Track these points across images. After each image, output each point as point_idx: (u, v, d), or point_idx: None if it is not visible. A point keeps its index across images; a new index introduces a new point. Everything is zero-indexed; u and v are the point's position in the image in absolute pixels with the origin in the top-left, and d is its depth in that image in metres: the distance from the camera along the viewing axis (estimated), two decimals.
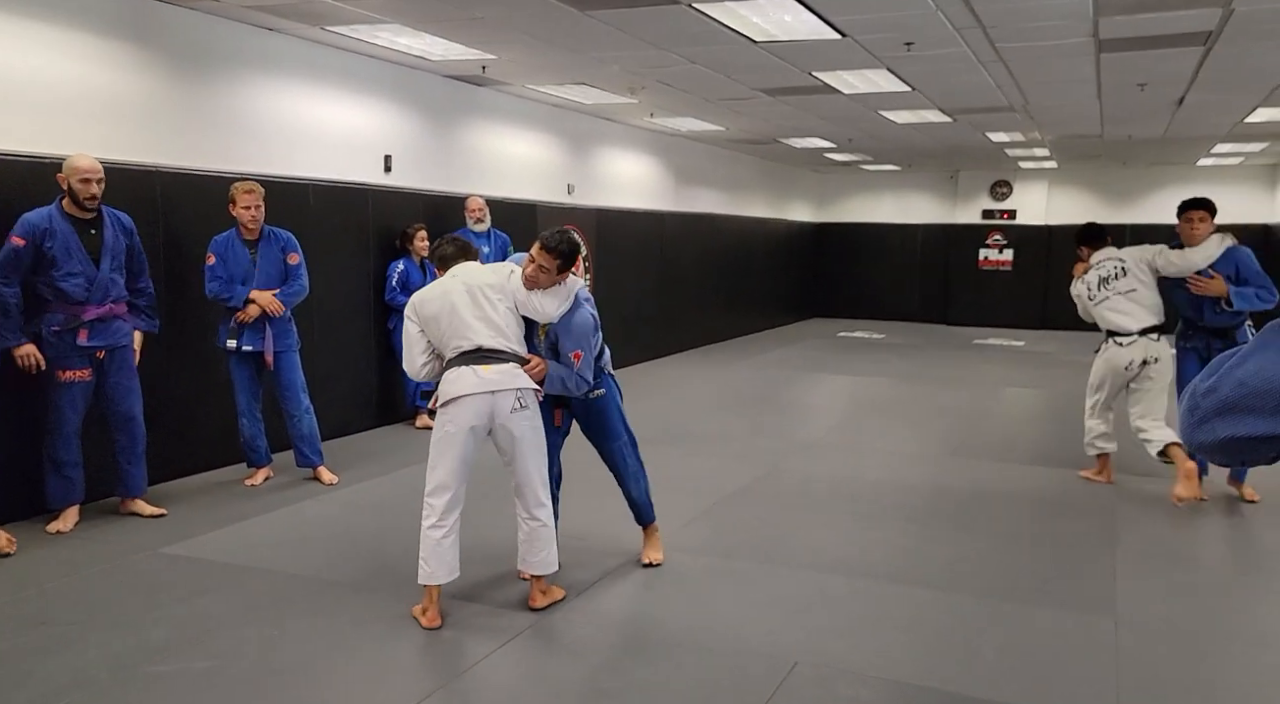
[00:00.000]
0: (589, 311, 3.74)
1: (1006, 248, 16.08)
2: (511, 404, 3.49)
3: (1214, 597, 3.94)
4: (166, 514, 4.79)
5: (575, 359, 3.65)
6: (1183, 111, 8.91)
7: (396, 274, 6.84)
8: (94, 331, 4.52)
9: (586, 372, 3.71)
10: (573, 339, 3.64)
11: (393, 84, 7.16)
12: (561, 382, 3.68)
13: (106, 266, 4.52)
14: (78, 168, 4.42)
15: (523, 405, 3.52)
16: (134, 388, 4.73)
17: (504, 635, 3.41)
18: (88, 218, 4.49)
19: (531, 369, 3.58)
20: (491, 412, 3.49)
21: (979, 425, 7.54)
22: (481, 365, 3.48)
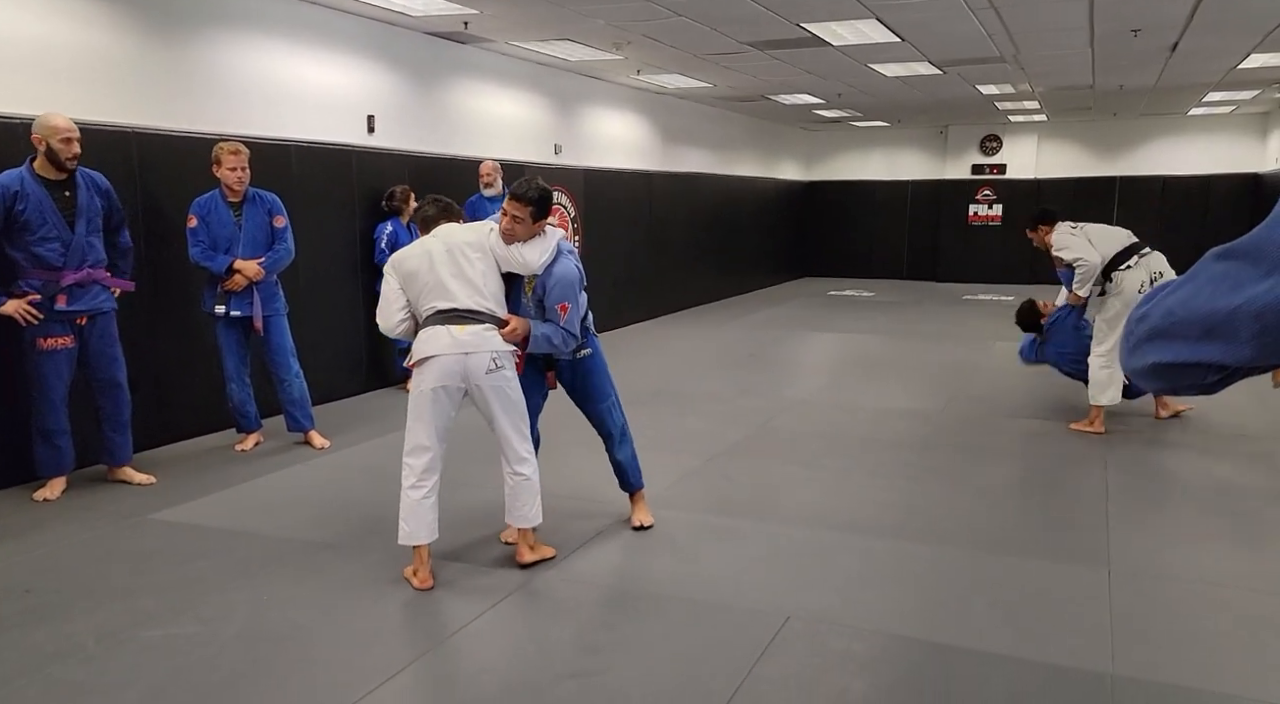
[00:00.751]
0: (573, 263, 3.67)
1: (996, 203, 15.99)
2: (486, 365, 3.45)
3: (1208, 545, 3.95)
4: (155, 482, 4.74)
5: (561, 312, 3.60)
6: (1176, 58, 8.79)
7: (385, 236, 6.75)
8: (72, 297, 4.41)
9: (573, 326, 3.65)
10: (558, 291, 3.59)
11: (373, 42, 6.99)
12: (548, 340, 3.62)
13: (82, 229, 4.40)
14: (56, 127, 4.27)
15: (498, 366, 3.47)
16: (117, 355, 4.64)
17: (495, 595, 3.39)
18: (61, 179, 4.36)
19: (509, 331, 3.52)
20: (465, 372, 3.45)
21: (969, 380, 7.53)
22: (456, 326, 3.44)
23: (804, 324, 11.06)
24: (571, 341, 3.69)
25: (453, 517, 3.58)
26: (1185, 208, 14.53)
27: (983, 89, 10.89)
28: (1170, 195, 14.80)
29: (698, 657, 2.94)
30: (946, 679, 2.82)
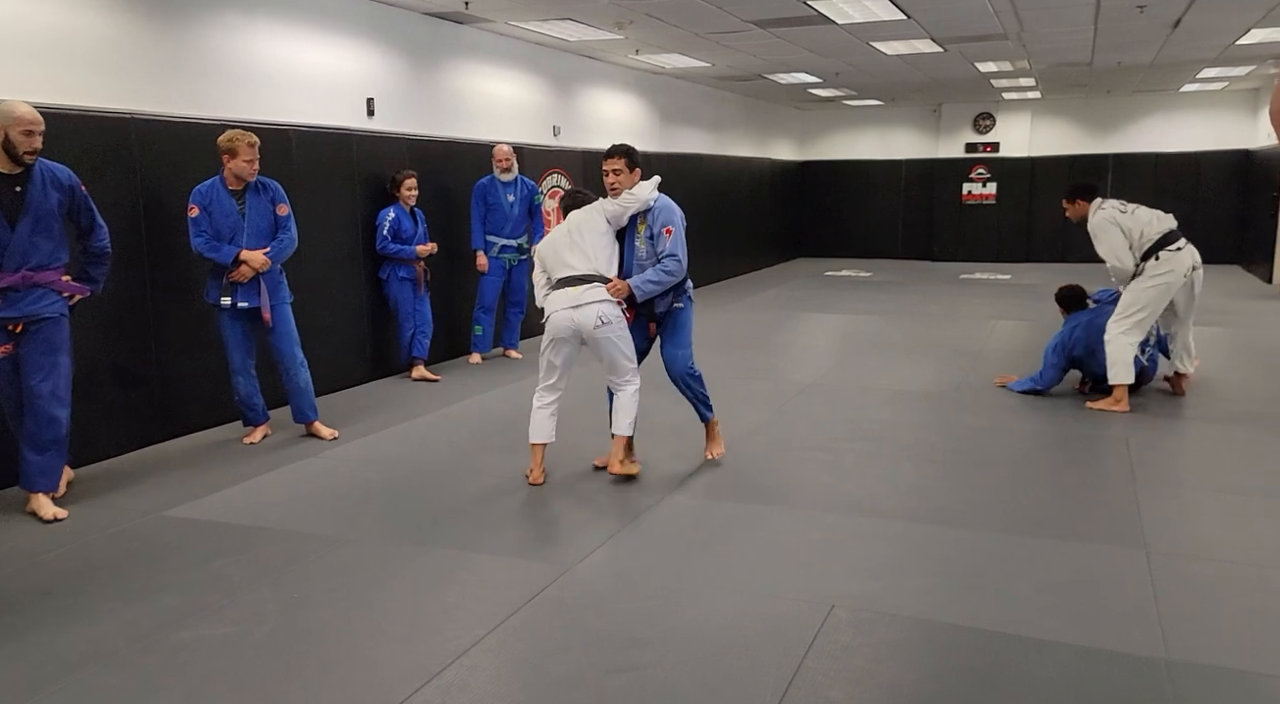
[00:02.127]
0: (672, 202, 4.52)
1: (990, 181, 15.98)
2: (594, 322, 4.34)
3: (1239, 521, 3.93)
4: (63, 519, 4.08)
5: (667, 234, 4.41)
6: (1177, 34, 8.75)
7: (387, 223, 6.63)
8: (7, 301, 3.96)
9: (679, 249, 4.41)
10: (663, 217, 4.42)
11: (372, 23, 6.85)
12: (650, 283, 4.39)
13: (26, 229, 3.94)
14: (20, 117, 3.85)
15: (603, 322, 4.34)
16: (54, 365, 4.10)
17: (529, 591, 3.33)
18: (14, 173, 3.95)
19: (613, 288, 4.36)
20: (575, 327, 4.37)
21: (977, 361, 7.51)
22: (570, 287, 4.37)
23: (805, 305, 11.01)
24: (676, 269, 4.40)
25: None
26: (1177, 185, 14.55)
27: (981, 66, 10.83)
28: (1163, 172, 14.81)
29: (746, 649, 2.89)
30: (998, 666, 2.78)
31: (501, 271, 7.48)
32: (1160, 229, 5.68)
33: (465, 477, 4.67)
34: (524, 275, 7.66)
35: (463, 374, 7.14)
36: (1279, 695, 2.61)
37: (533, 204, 7.58)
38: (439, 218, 7.29)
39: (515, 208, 7.41)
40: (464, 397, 6.39)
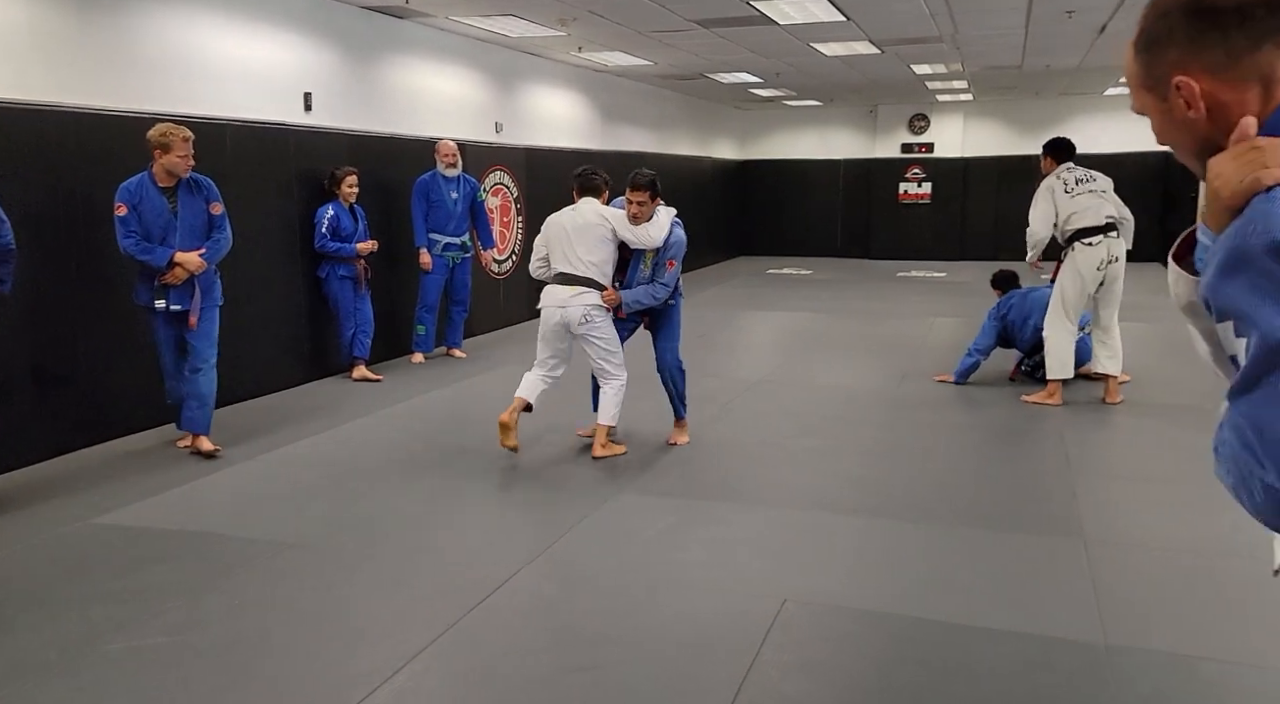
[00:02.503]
0: (681, 232, 4.91)
1: (925, 181, 16.30)
2: (579, 318, 4.71)
3: (1171, 510, 4.07)
4: None
5: (669, 266, 4.81)
6: (1103, 39, 9.04)
7: (326, 220, 6.48)
8: None
9: (670, 279, 4.81)
10: (672, 251, 4.82)
11: (309, 16, 6.69)
12: (638, 301, 4.78)
13: None
14: None
15: (588, 320, 4.72)
16: None
17: (479, 594, 3.28)
18: None
19: (607, 298, 4.73)
20: (564, 322, 4.75)
21: (917, 357, 7.66)
22: (565, 286, 4.74)
23: (748, 303, 11.10)
24: (663, 292, 4.80)
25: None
26: None
27: (916, 68, 11.04)
28: None
29: (702, 645, 2.90)
30: (948, 656, 2.83)
31: (445, 269, 7.38)
32: (1086, 222, 5.73)
33: (410, 478, 4.60)
34: (467, 273, 7.57)
35: (405, 374, 7.03)
36: (1214, 677, 2.70)
37: (475, 201, 7.50)
38: (379, 215, 7.16)
39: (458, 205, 7.33)
40: (407, 397, 6.28)
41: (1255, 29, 1.06)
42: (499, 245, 9.20)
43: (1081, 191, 5.77)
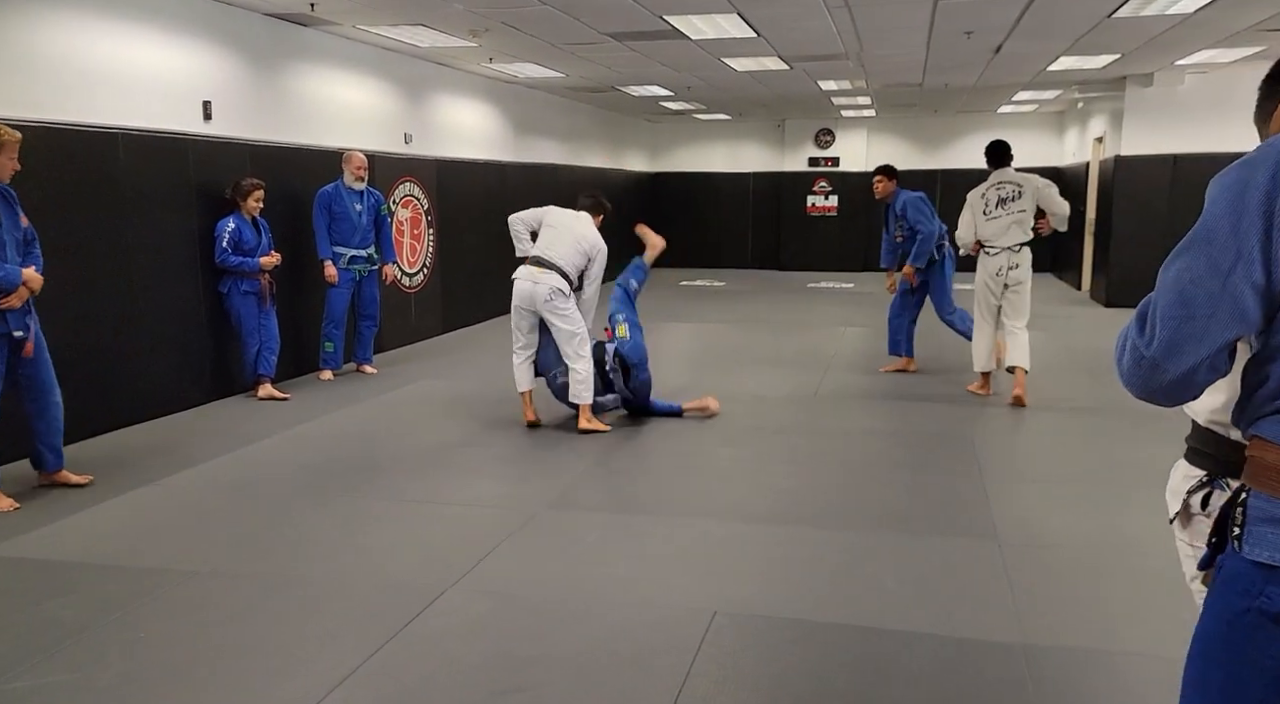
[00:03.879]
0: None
1: (831, 194, 16.71)
2: (546, 295, 5.42)
3: (1078, 509, 4.24)
4: None
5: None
6: (998, 59, 9.44)
7: (227, 234, 6.21)
8: None
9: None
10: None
11: (208, 22, 6.43)
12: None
13: None
14: None
15: (551, 298, 5.42)
16: None
17: (402, 619, 3.18)
18: None
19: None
20: (531, 295, 5.46)
21: (831, 366, 7.82)
22: (539, 266, 5.51)
23: (663, 315, 11.14)
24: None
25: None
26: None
27: (823, 84, 11.31)
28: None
29: (634, 661, 2.87)
30: (875, 661, 2.88)
31: (351, 283, 7.18)
32: (985, 235, 6.38)
33: (323, 499, 4.44)
34: (375, 287, 7.38)
35: (314, 392, 6.80)
36: (1126, 670, 2.82)
37: (379, 214, 7.31)
38: (284, 227, 6.92)
39: (363, 217, 7.14)
40: (316, 415, 6.08)
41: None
42: (410, 259, 9.02)
43: (996, 215, 6.35)
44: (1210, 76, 10.64)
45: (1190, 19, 7.31)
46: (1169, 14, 7.11)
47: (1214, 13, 7.06)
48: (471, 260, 10.09)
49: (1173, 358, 1.22)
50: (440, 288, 9.54)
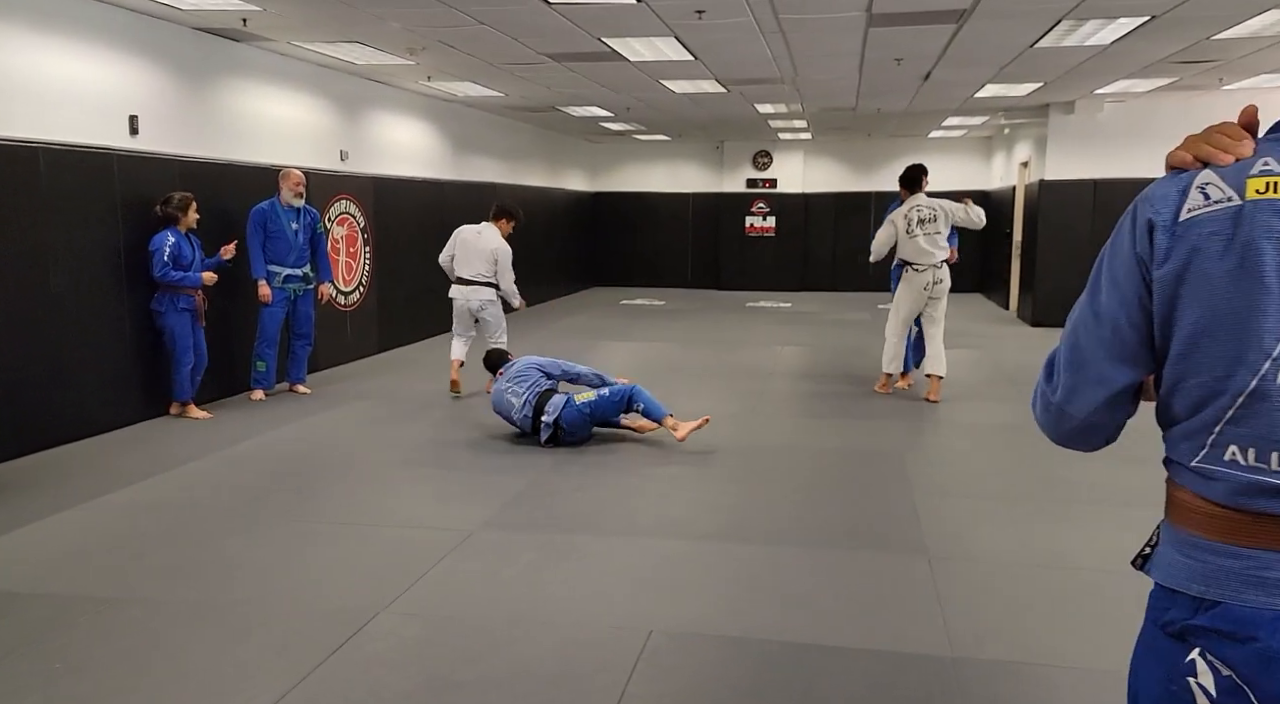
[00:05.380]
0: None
1: (769, 215, 16.97)
2: (478, 305, 7.22)
3: (1004, 523, 4.36)
4: None
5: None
6: (928, 86, 9.73)
7: (167, 248, 6.04)
8: None
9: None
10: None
11: (135, 36, 6.29)
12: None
13: None
14: None
15: (482, 306, 7.22)
16: None
17: (330, 645, 3.13)
18: None
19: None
20: (466, 302, 7.23)
21: (766, 384, 7.92)
22: (465, 285, 7.22)
23: (603, 334, 11.16)
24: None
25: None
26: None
27: (760, 107, 11.51)
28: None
29: (569, 682, 2.86)
30: (809, 677, 2.91)
31: (285, 302, 7.05)
32: (910, 254, 6.99)
33: (253, 522, 4.34)
34: (310, 305, 7.26)
35: (246, 412, 6.65)
36: (1052, 681, 2.90)
37: (315, 232, 7.21)
38: (215, 244, 6.76)
39: (299, 235, 7.04)
40: (247, 436, 5.94)
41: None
42: (346, 277, 8.90)
43: (918, 234, 6.97)
44: (1128, 105, 11.12)
45: (1107, 50, 7.64)
46: (1087, 45, 7.42)
47: (1128, 45, 7.40)
48: (409, 279, 9.99)
49: (1074, 403, 1.24)
50: (376, 306, 9.42)
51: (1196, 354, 1.11)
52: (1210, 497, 1.11)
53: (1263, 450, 1.06)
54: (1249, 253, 1.05)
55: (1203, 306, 1.09)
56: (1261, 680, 1.05)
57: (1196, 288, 1.09)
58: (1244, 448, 1.07)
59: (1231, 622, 1.07)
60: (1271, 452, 1.05)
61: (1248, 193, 1.07)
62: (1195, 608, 1.11)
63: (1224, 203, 1.08)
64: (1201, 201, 1.10)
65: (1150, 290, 1.14)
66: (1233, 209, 1.07)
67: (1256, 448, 1.06)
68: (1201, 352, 1.10)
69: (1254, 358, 1.05)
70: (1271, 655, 1.04)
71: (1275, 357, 1.04)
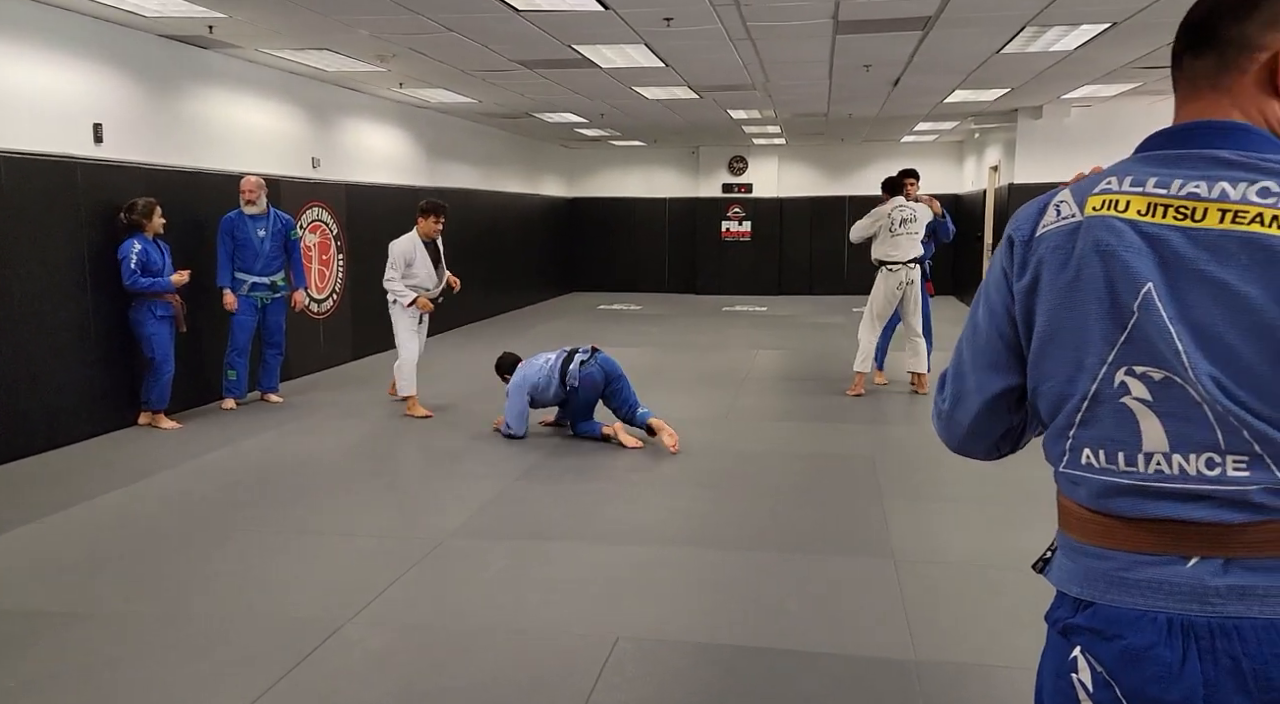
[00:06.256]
0: None
1: (745, 219, 17.04)
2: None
3: (971, 527, 4.40)
4: None
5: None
6: (897, 92, 9.81)
7: (135, 255, 5.99)
8: None
9: None
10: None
11: (100, 43, 6.24)
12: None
13: None
14: None
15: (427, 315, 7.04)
16: None
17: (295, 655, 3.11)
18: None
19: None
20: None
21: (742, 387, 7.94)
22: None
23: (580, 338, 11.05)
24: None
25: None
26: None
27: (733, 113, 11.57)
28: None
29: (535, 691, 2.86)
30: (774, 682, 2.93)
31: (254, 311, 6.98)
32: (893, 257, 7.22)
33: (220, 534, 4.30)
34: (280, 314, 7.19)
35: (217, 422, 6.59)
36: (1014, 683, 2.92)
37: (288, 239, 7.16)
38: (183, 252, 6.70)
39: (266, 243, 6.96)
40: (217, 446, 5.89)
41: None
42: (319, 284, 8.85)
43: (901, 233, 7.24)
44: (1094, 109, 11.26)
45: (1071, 56, 7.74)
46: (1051, 51, 7.52)
47: (1092, 51, 7.50)
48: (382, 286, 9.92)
49: (959, 410, 1.32)
50: (350, 314, 9.37)
51: (1046, 361, 1.18)
52: (1078, 500, 1.18)
53: (1110, 451, 1.13)
54: (1083, 265, 1.13)
55: (1048, 316, 1.16)
56: (1125, 677, 1.11)
57: (1044, 299, 1.17)
58: (1095, 450, 1.14)
59: (1102, 621, 1.14)
60: (1117, 451, 1.12)
61: (1086, 209, 1.15)
62: (1076, 608, 1.18)
63: (1069, 219, 1.16)
64: (1053, 218, 1.18)
65: (1015, 301, 1.22)
66: (1073, 224, 1.15)
67: (1105, 449, 1.13)
68: (1050, 358, 1.17)
69: (1091, 363, 1.13)
70: (1134, 653, 1.10)
71: (1108, 361, 1.11)
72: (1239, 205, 1.05)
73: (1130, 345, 1.10)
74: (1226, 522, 1.07)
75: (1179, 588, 1.09)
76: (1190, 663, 1.07)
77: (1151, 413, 1.10)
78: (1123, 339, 1.10)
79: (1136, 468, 1.11)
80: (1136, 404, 1.10)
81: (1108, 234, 1.11)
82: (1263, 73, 1.11)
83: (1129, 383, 1.10)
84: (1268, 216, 1.03)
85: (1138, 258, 1.09)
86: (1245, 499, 1.06)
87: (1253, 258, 1.03)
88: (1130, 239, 1.10)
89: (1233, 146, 1.10)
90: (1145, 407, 1.10)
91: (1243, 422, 1.05)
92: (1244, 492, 1.06)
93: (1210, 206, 1.07)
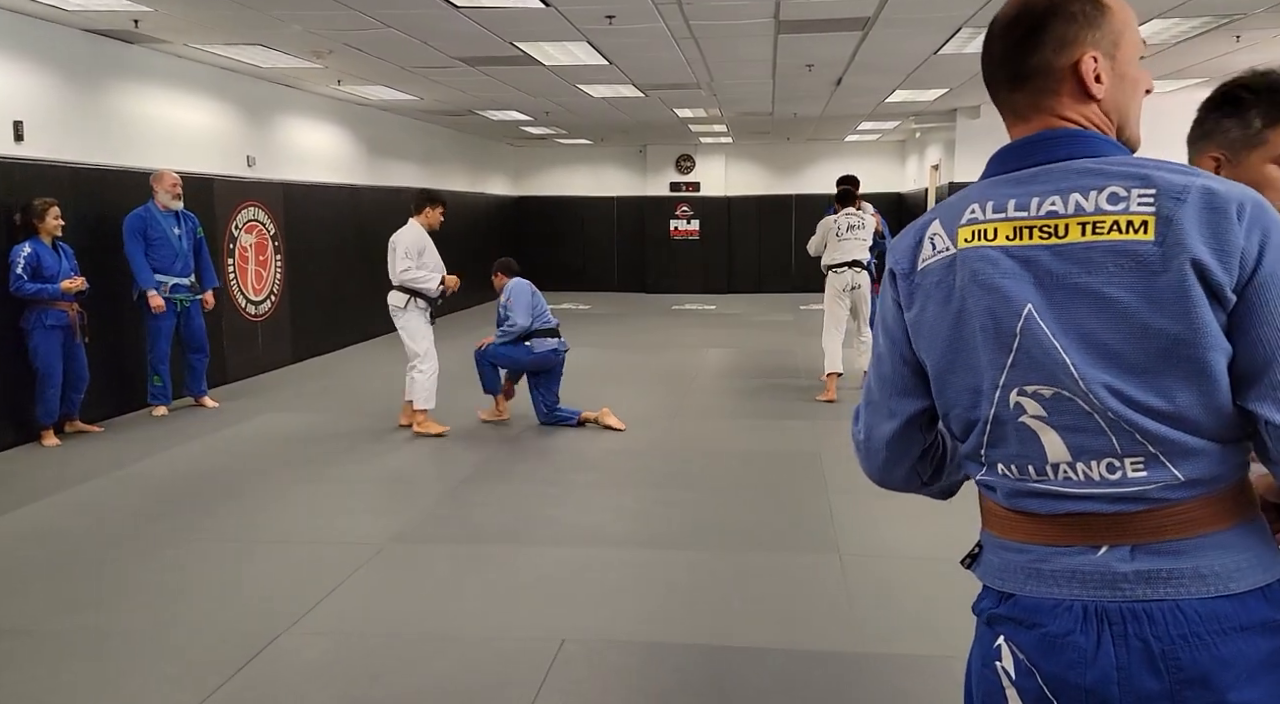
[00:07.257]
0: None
1: (693, 218, 17.08)
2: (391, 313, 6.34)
3: (913, 520, 4.42)
4: None
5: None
6: (840, 92, 9.91)
7: (23, 259, 5.62)
8: None
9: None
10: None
11: (17, 36, 6.00)
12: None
13: None
14: None
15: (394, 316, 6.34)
16: None
17: (234, 664, 3.01)
18: None
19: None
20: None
21: (691, 387, 7.94)
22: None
23: None
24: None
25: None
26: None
27: (679, 112, 11.57)
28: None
29: (480, 695, 2.80)
30: (721, 679, 2.91)
31: (172, 314, 6.65)
32: (839, 259, 7.34)
33: (149, 546, 4.16)
34: (200, 316, 6.90)
35: (144, 429, 6.38)
36: (954, 674, 2.94)
37: (197, 237, 6.89)
38: (107, 254, 6.45)
39: (183, 241, 6.71)
40: (145, 455, 5.70)
41: None
42: (255, 286, 8.63)
43: (847, 238, 7.41)
44: None
45: None
46: None
47: None
48: (323, 287, 9.74)
49: (873, 438, 1.35)
50: (289, 316, 9.16)
51: (948, 390, 1.23)
52: (996, 500, 1.24)
53: (1020, 465, 1.17)
54: (965, 297, 1.17)
55: (941, 347, 1.21)
56: (1045, 663, 1.15)
57: (934, 331, 1.21)
58: (1007, 465, 1.19)
59: (1021, 610, 1.19)
60: (1026, 465, 1.17)
61: (959, 241, 1.18)
62: (999, 599, 1.23)
63: (944, 253, 1.20)
64: (930, 252, 1.22)
65: (909, 331, 1.26)
66: (949, 258, 1.19)
67: (1015, 464, 1.18)
68: (950, 387, 1.22)
69: (986, 389, 1.17)
70: (1052, 640, 1.15)
71: (1000, 385, 1.16)
72: (1095, 216, 1.10)
73: (1017, 368, 1.14)
74: (1130, 511, 1.12)
75: (1091, 576, 1.13)
76: (1104, 647, 1.11)
77: (1049, 427, 1.14)
78: (1009, 362, 1.14)
79: (1046, 477, 1.16)
80: (1035, 421, 1.15)
81: (983, 264, 1.15)
82: (1072, 84, 1.18)
83: (1023, 403, 1.15)
84: (1123, 223, 1.09)
85: (1015, 283, 1.13)
86: (1145, 496, 1.12)
87: (1118, 264, 1.08)
88: (1005, 265, 1.14)
89: (1078, 153, 1.16)
90: (1042, 423, 1.14)
91: (1134, 425, 1.09)
92: (1144, 490, 1.11)
93: (1070, 222, 1.12)
